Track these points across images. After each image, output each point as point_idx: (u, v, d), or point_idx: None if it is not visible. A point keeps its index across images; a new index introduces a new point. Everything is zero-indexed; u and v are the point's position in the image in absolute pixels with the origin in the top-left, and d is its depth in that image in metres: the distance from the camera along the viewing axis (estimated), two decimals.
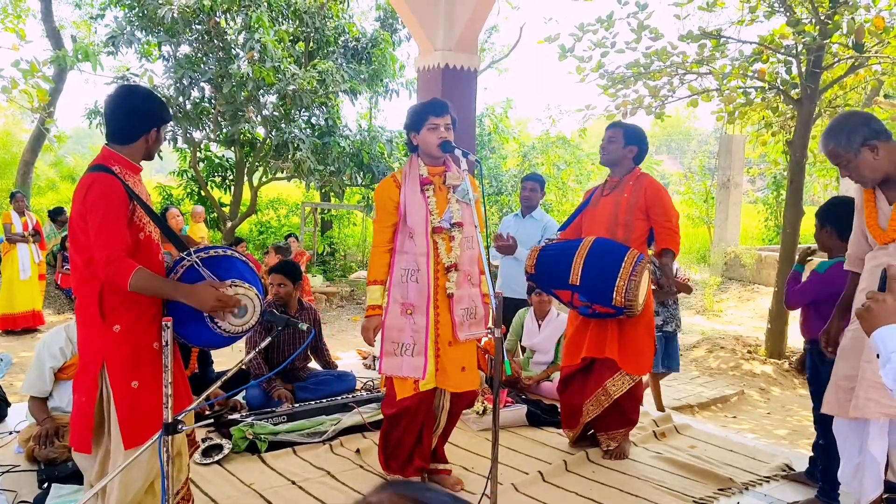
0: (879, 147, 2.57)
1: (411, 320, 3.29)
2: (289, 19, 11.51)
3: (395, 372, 3.31)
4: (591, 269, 3.63)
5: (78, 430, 2.49)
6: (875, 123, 2.63)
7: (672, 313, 5.45)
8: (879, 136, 2.59)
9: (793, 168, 8.23)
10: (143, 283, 2.37)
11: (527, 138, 18.40)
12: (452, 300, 3.31)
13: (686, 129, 44.23)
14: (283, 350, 4.67)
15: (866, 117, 2.68)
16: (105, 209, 2.38)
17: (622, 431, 4.03)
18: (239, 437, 3.92)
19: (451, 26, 6.02)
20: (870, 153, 2.59)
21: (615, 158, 3.96)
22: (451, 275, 3.30)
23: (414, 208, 3.28)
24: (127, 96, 2.61)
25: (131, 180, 2.51)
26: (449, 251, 3.30)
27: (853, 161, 2.63)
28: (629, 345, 3.83)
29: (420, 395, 3.32)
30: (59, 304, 10.43)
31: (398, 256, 3.32)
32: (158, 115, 2.61)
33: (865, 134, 2.58)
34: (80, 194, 2.43)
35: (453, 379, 3.36)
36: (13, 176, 15.58)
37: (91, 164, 2.54)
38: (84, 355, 2.53)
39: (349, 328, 10.38)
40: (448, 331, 3.32)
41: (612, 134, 3.95)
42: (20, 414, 4.27)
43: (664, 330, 5.33)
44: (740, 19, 8.24)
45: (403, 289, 3.30)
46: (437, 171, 3.37)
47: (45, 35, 14.83)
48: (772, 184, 16.55)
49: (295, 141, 10.81)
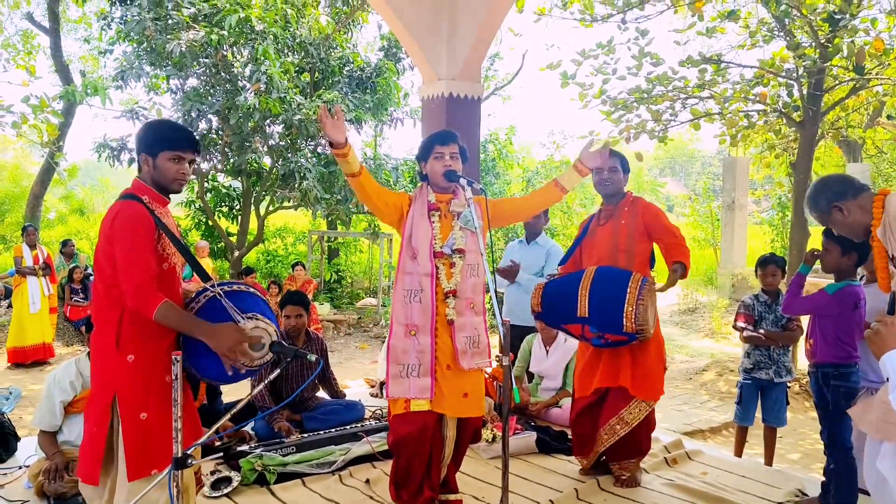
0: (844, 206, 2.77)
1: (416, 341, 3.31)
2: (294, 51, 11.66)
3: (403, 394, 3.31)
4: (598, 299, 3.63)
5: (87, 461, 2.50)
6: (838, 185, 2.82)
7: (771, 357, 4.72)
8: (845, 195, 2.77)
9: (797, 190, 8.24)
10: (168, 316, 2.41)
11: (531, 163, 18.49)
12: (454, 327, 3.33)
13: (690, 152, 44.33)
14: (290, 381, 4.68)
15: (829, 182, 2.88)
16: (133, 236, 2.43)
17: (634, 461, 4.00)
18: (248, 468, 3.92)
19: (454, 56, 6.10)
20: (839, 213, 2.78)
21: (619, 188, 3.98)
22: (449, 300, 3.32)
23: (419, 230, 3.33)
24: (142, 126, 2.71)
25: (159, 211, 2.56)
26: (449, 277, 3.33)
27: (832, 222, 2.86)
28: (641, 371, 3.82)
29: (421, 421, 3.31)
30: (69, 336, 10.46)
31: (401, 276, 3.35)
32: (148, 141, 2.61)
33: (829, 198, 2.80)
34: (108, 221, 2.48)
35: (452, 404, 3.34)
36: (22, 209, 15.72)
37: (122, 193, 2.62)
38: (96, 385, 2.55)
39: (357, 356, 10.37)
40: (447, 355, 3.33)
41: (612, 164, 3.95)
42: (30, 448, 4.27)
43: (754, 375, 4.77)
44: (740, 44, 8.32)
45: (407, 310, 3.32)
46: (445, 198, 3.42)
47: (55, 70, 15.06)
48: (777, 205, 16.55)
49: (301, 170, 10.90)
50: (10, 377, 8.18)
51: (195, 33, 9.53)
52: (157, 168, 2.61)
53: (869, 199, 2.75)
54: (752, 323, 4.73)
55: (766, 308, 4.74)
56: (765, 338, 4.64)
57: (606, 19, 8.22)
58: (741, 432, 4.98)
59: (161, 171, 2.62)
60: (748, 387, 4.81)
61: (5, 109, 7.87)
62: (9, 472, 4.08)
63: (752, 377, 4.78)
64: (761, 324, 4.72)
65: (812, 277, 3.91)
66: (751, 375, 4.78)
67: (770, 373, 4.70)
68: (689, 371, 8.86)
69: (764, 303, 4.76)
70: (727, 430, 6.75)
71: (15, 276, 9.04)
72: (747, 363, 4.80)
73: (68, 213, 19.79)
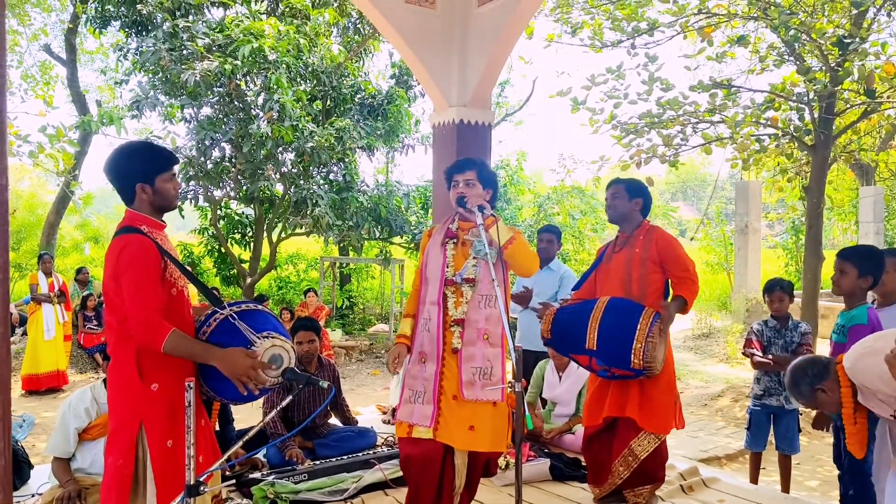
0: (825, 387, 2.82)
1: (424, 368, 3.34)
2: (306, 79, 11.80)
3: (407, 418, 3.33)
4: (607, 333, 3.60)
5: (115, 495, 2.48)
6: (814, 368, 2.86)
7: (781, 382, 4.63)
8: (822, 377, 2.83)
9: (810, 213, 8.21)
10: (176, 345, 2.42)
11: (542, 189, 18.52)
12: (461, 356, 3.30)
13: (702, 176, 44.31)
14: (303, 408, 4.66)
15: (803, 368, 2.89)
16: (138, 270, 2.43)
17: (648, 488, 3.95)
18: (260, 496, 3.90)
19: (464, 83, 6.15)
20: (823, 394, 2.83)
21: (622, 213, 3.97)
22: (454, 329, 3.30)
23: (432, 259, 3.38)
24: (112, 161, 2.61)
25: (159, 237, 2.57)
26: (457, 305, 3.32)
27: (818, 403, 2.90)
28: (649, 404, 3.77)
29: (423, 446, 3.28)
30: (82, 363, 10.50)
31: (421, 307, 3.41)
32: (139, 171, 2.58)
33: (811, 382, 2.84)
34: (113, 257, 2.48)
35: (459, 437, 3.27)
36: (38, 237, 15.89)
37: (119, 226, 2.60)
38: (119, 416, 2.53)
39: (369, 382, 10.33)
40: (453, 385, 3.29)
41: (614, 191, 3.98)
42: (43, 476, 4.27)
43: (764, 402, 4.75)
44: (750, 69, 8.34)
45: (421, 338, 3.37)
46: (468, 226, 3.43)
47: (71, 101, 15.30)
48: (790, 229, 16.47)
49: (313, 197, 10.97)
50: (24, 405, 8.20)
51: (209, 63, 9.67)
52: (157, 192, 2.60)
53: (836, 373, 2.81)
54: (761, 349, 4.69)
55: (776, 333, 4.71)
56: (774, 363, 4.60)
57: (616, 45, 8.28)
58: (754, 458, 4.92)
59: (162, 194, 2.62)
60: (758, 413, 4.77)
61: (23, 139, 7.99)
62: (22, 499, 4.08)
63: (762, 403, 4.74)
64: (771, 349, 4.69)
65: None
66: (761, 402, 4.74)
67: (781, 399, 4.66)
68: (704, 397, 8.76)
69: (773, 328, 4.73)
70: (743, 457, 6.65)
71: (30, 303, 9.13)
72: (757, 389, 4.77)
73: (83, 240, 19.97)
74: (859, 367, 2.69)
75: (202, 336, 2.63)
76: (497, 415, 3.34)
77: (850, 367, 2.72)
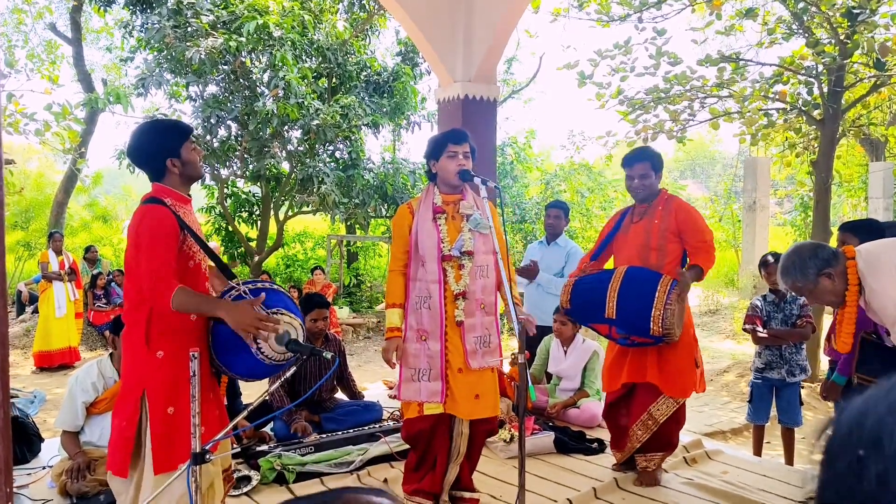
0: (834, 273, 2.76)
1: (426, 346, 3.35)
2: (312, 56, 11.75)
3: (415, 397, 3.36)
4: (626, 301, 3.62)
5: (116, 454, 2.55)
6: (822, 252, 2.80)
7: (782, 356, 4.69)
8: (831, 263, 2.76)
9: (818, 189, 8.16)
10: (184, 300, 2.46)
11: (550, 167, 18.45)
12: (463, 328, 3.35)
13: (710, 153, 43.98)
14: (308, 381, 4.70)
15: (813, 248, 2.84)
16: (155, 238, 2.49)
17: (661, 455, 3.99)
18: (267, 468, 3.95)
19: (469, 58, 6.11)
20: (828, 280, 2.77)
21: (653, 192, 3.92)
22: (458, 302, 3.34)
23: (425, 237, 3.35)
24: (137, 143, 2.70)
25: (182, 211, 2.62)
26: (458, 279, 3.34)
27: (815, 290, 2.82)
28: (669, 368, 3.80)
29: (432, 418, 3.35)
30: (92, 341, 10.59)
31: (412, 284, 3.38)
32: (167, 146, 2.64)
33: (818, 265, 2.77)
34: (134, 225, 2.55)
35: (464, 406, 3.36)
36: (47, 217, 15.97)
37: (144, 197, 2.67)
38: (127, 381, 2.61)
39: (375, 359, 10.39)
40: (458, 358, 3.35)
41: (643, 170, 3.87)
42: (53, 449, 4.33)
43: (765, 375, 4.76)
44: (759, 42, 8.25)
45: (418, 315, 3.36)
46: (453, 199, 3.43)
47: (77, 79, 15.29)
48: (799, 205, 16.37)
49: (319, 175, 10.97)
50: (36, 381, 8.30)
51: (214, 40, 9.64)
52: (186, 163, 2.67)
53: (844, 264, 2.76)
54: (761, 324, 4.71)
55: (775, 307, 4.72)
56: (774, 337, 4.61)
57: (624, 19, 8.20)
58: (757, 431, 4.96)
59: (191, 164, 2.68)
60: (759, 386, 4.81)
61: (29, 117, 8.01)
62: (33, 472, 4.14)
63: (763, 377, 4.77)
64: (770, 324, 4.70)
65: None
66: (762, 375, 4.77)
67: (782, 372, 4.68)
68: (710, 372, 8.78)
69: (771, 302, 4.74)
70: (748, 432, 6.68)
71: (41, 281, 9.20)
72: (759, 363, 4.79)
73: (92, 220, 20.05)
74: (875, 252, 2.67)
75: None
76: (494, 380, 3.51)
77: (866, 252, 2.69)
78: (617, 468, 4.16)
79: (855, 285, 2.70)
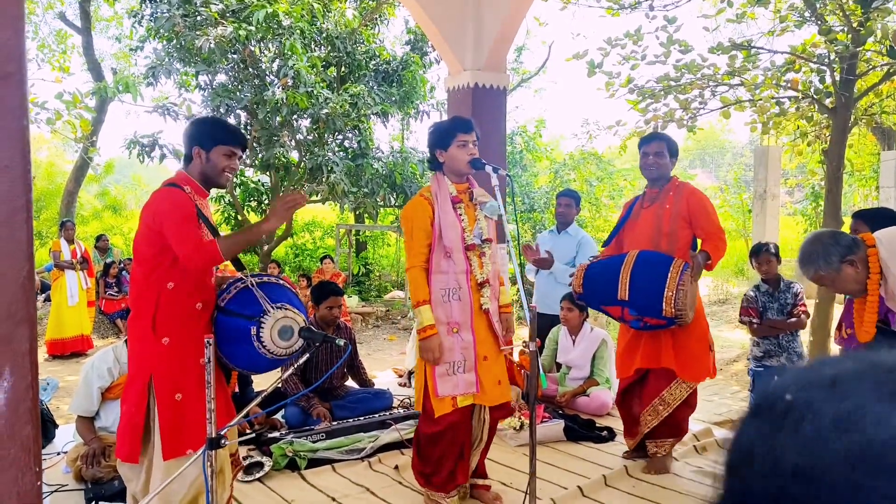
0: (857, 261, 2.72)
1: (459, 338, 3.30)
2: (321, 45, 11.73)
3: (453, 391, 3.30)
4: (639, 283, 3.64)
5: (125, 441, 2.58)
6: (843, 239, 2.77)
7: (780, 345, 4.67)
8: (853, 250, 2.73)
9: (829, 178, 8.09)
10: (230, 245, 2.58)
11: (559, 156, 18.40)
12: (489, 315, 3.36)
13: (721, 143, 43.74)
14: (320, 369, 4.73)
15: (833, 235, 2.81)
16: (180, 213, 2.54)
17: (671, 441, 4.02)
18: (279, 454, 3.98)
19: (479, 46, 6.10)
20: (850, 268, 2.73)
21: (665, 173, 3.94)
22: (483, 290, 3.35)
23: (449, 228, 3.29)
24: (190, 123, 2.82)
25: (199, 201, 2.65)
26: (482, 267, 3.35)
27: (837, 278, 2.76)
28: (685, 353, 3.83)
29: (461, 410, 3.34)
30: (104, 329, 10.66)
31: (435, 277, 3.29)
32: (203, 135, 2.73)
33: (841, 252, 2.72)
34: (152, 206, 2.58)
35: (490, 393, 3.38)
36: (57, 206, 16.05)
37: (165, 182, 2.71)
38: (134, 367, 2.63)
39: (385, 347, 10.43)
40: (485, 346, 3.36)
41: (658, 148, 3.91)
42: (67, 435, 4.39)
43: (765, 364, 4.72)
44: (771, 30, 8.19)
45: (447, 308, 3.29)
46: (463, 188, 3.42)
47: (87, 68, 15.33)
48: (810, 195, 16.28)
49: (328, 164, 10.97)
50: (48, 369, 8.36)
51: (223, 29, 9.63)
52: (209, 161, 2.71)
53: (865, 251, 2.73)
54: (756, 315, 4.72)
55: (770, 297, 4.72)
56: (771, 327, 4.61)
57: (634, 7, 8.14)
58: None
59: (213, 164, 2.72)
60: (761, 374, 4.81)
61: (40, 106, 8.04)
62: (47, 457, 4.18)
63: (763, 365, 4.78)
64: (766, 314, 4.71)
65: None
66: (762, 363, 4.78)
67: (781, 360, 4.70)
68: (719, 362, 8.75)
69: (766, 292, 4.74)
70: None
71: (53, 270, 9.26)
72: (757, 352, 4.81)
73: (102, 209, 20.16)
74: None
75: (222, 302, 2.70)
76: (505, 364, 3.54)
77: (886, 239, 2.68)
78: (628, 456, 4.18)
79: (877, 273, 2.67)
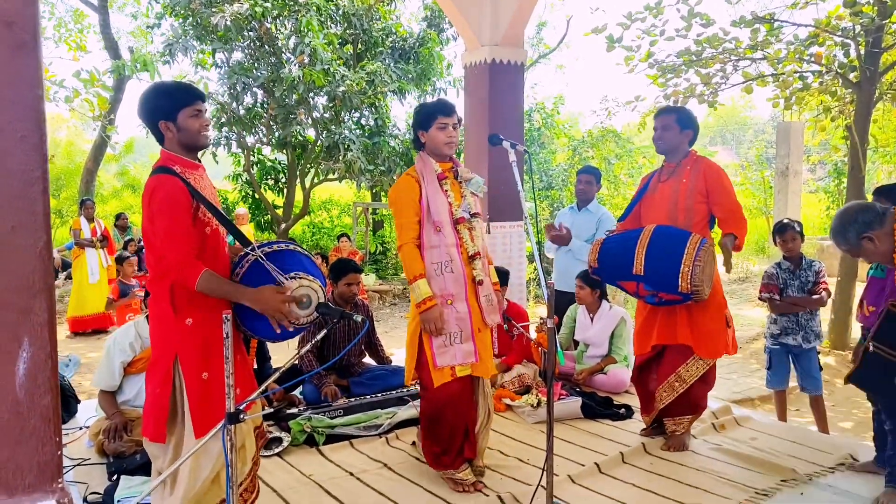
0: (874, 236, 2.80)
1: (453, 309, 3.37)
2: (337, 22, 11.66)
3: (451, 361, 3.36)
4: (655, 258, 3.62)
5: (153, 420, 2.58)
6: (864, 215, 2.83)
7: (798, 323, 4.67)
8: (872, 226, 2.81)
9: (853, 154, 7.96)
10: (209, 285, 2.48)
11: (578, 133, 18.24)
12: (479, 287, 3.42)
13: (742, 119, 43.17)
14: (337, 345, 4.75)
15: (856, 211, 2.87)
16: (169, 213, 2.46)
17: (689, 418, 4.00)
18: (297, 430, 4.02)
19: (497, 21, 6.03)
20: (869, 243, 2.82)
21: (673, 145, 3.91)
22: (475, 262, 3.42)
23: (437, 203, 3.38)
24: (139, 102, 2.62)
25: (192, 177, 2.59)
26: (472, 240, 3.43)
27: (861, 252, 2.88)
28: (701, 329, 3.81)
29: (460, 382, 3.37)
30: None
31: (427, 252, 3.37)
32: (161, 108, 2.57)
33: (858, 229, 2.82)
34: (146, 198, 2.52)
35: (486, 363, 3.46)
36: (77, 185, 16.17)
37: (154, 166, 2.63)
38: (157, 348, 2.62)
39: (402, 325, 10.46)
40: (478, 318, 3.43)
41: (665, 121, 3.90)
42: (90, 410, 4.45)
43: (781, 341, 4.74)
44: (794, 2, 8.02)
45: (440, 281, 3.36)
46: (447, 166, 3.51)
47: (104, 47, 15.34)
48: (833, 171, 16.04)
49: (345, 142, 10.96)
50: (70, 345, 8.48)
51: (239, 6, 9.60)
52: (181, 129, 2.59)
53: (892, 225, 2.75)
54: (777, 292, 4.68)
55: (791, 275, 4.68)
56: (792, 304, 4.58)
57: None
58: (779, 397, 4.98)
59: (186, 131, 2.60)
60: (777, 352, 4.80)
61: (58, 84, 8.07)
62: (70, 432, 4.26)
63: (779, 342, 4.75)
64: (787, 291, 4.67)
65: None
66: (778, 341, 4.76)
67: (798, 338, 4.66)
68: (739, 340, 8.65)
69: (787, 270, 4.70)
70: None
71: (74, 248, 9.36)
72: (774, 329, 4.78)
73: (122, 188, 20.30)
74: None
75: (235, 278, 2.67)
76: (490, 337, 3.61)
77: None
78: (645, 433, 4.18)
79: None
